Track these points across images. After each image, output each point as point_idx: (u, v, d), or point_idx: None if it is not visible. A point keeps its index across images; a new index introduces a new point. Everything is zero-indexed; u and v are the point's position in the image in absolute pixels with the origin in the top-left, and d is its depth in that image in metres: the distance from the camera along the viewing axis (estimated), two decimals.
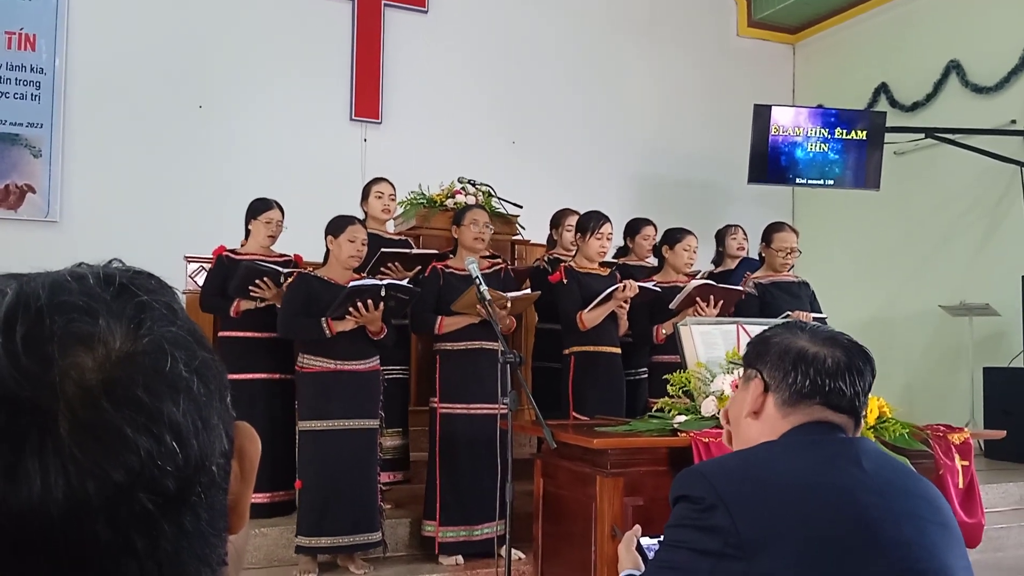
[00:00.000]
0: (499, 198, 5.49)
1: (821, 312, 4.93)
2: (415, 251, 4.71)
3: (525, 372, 4.99)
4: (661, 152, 8.42)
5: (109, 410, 0.48)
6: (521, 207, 5.52)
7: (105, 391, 0.48)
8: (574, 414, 4.37)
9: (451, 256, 4.61)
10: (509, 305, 4.16)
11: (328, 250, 4.15)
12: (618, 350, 4.53)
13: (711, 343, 3.49)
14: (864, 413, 1.45)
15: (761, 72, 8.92)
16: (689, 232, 4.78)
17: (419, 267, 4.65)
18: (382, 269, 4.49)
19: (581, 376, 4.41)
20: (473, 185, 5.45)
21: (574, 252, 4.76)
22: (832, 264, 8.12)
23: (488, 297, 3.54)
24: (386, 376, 4.29)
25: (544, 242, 5.58)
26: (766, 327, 1.52)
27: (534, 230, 5.60)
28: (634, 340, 4.78)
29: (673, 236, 4.79)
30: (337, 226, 4.10)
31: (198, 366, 0.53)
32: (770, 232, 4.91)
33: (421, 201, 5.33)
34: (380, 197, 4.81)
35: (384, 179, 4.90)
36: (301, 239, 4.63)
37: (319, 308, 3.93)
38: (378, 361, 4.14)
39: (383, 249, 4.45)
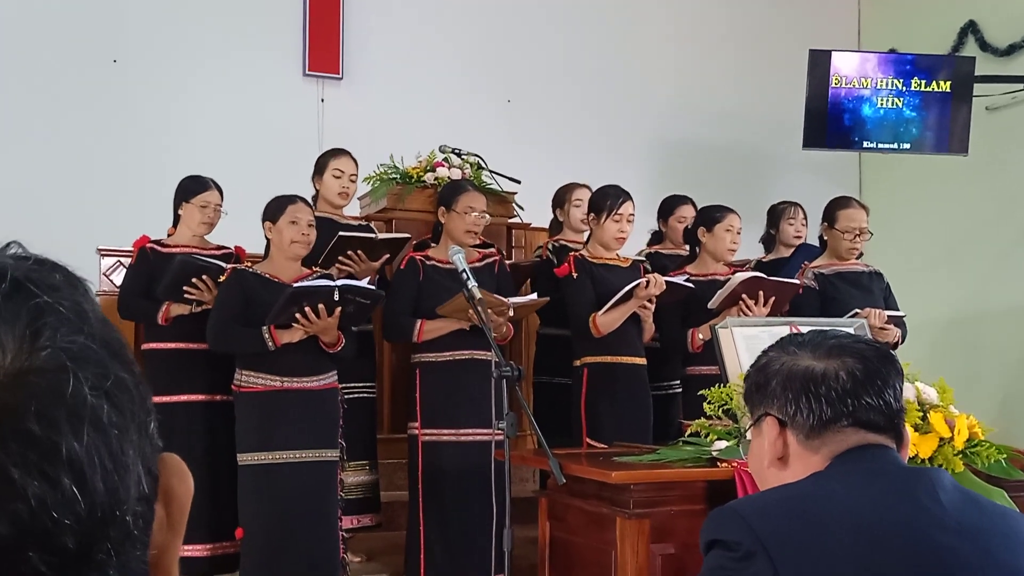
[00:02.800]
0: (491, 171, 5.50)
1: (898, 309, 4.95)
2: (382, 236, 4.71)
3: (526, 389, 5.00)
4: (691, 111, 8.42)
5: None
6: (519, 182, 5.53)
7: None
8: (588, 440, 4.39)
9: (432, 245, 4.62)
10: (511, 313, 4.18)
11: (267, 240, 4.15)
12: (642, 360, 4.54)
13: (757, 349, 3.49)
14: (902, 426, 1.48)
15: (817, 8, 8.92)
16: (730, 210, 4.78)
17: (387, 255, 4.64)
18: (340, 259, 4.48)
19: (596, 393, 4.42)
20: (458, 156, 5.47)
21: (586, 237, 4.77)
22: (909, 248, 8.13)
23: (479, 296, 3.55)
24: (346, 395, 4.30)
25: (547, 226, 5.59)
26: (808, 335, 1.54)
27: (535, 211, 5.60)
28: (663, 347, 4.79)
29: (710, 216, 4.80)
30: (274, 208, 4.11)
31: (110, 387, 0.52)
32: (833, 209, 4.91)
33: (393, 176, 5.34)
34: (339, 176, 4.82)
35: (346, 153, 4.90)
36: (244, 227, 4.63)
37: (260, 313, 3.93)
38: (335, 377, 4.14)
39: (340, 233, 4.45)
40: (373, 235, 4.62)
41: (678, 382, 4.93)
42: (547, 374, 5.05)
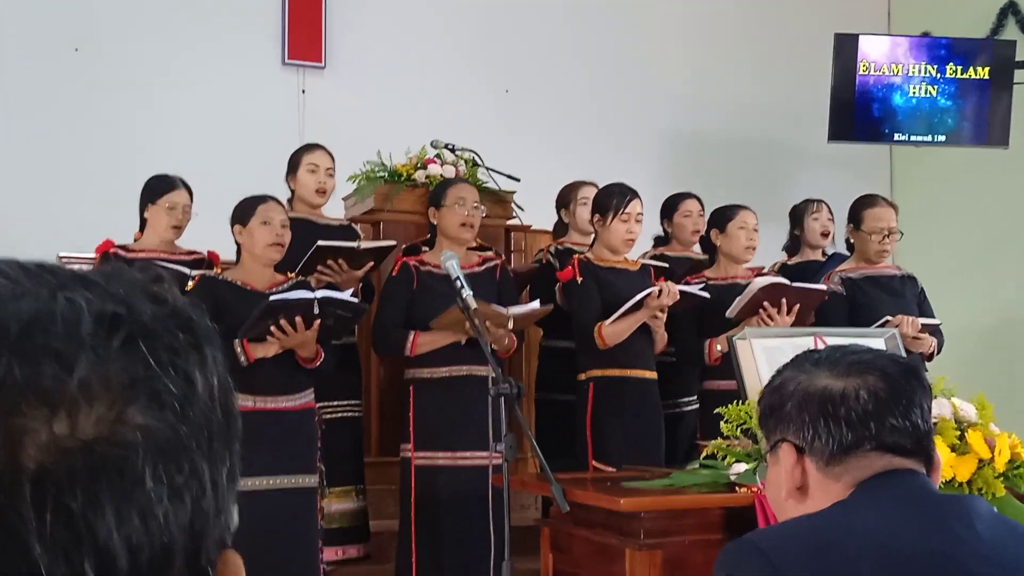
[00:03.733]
0: (488, 168, 5.50)
1: (933, 316, 4.95)
2: (366, 244, 4.71)
3: (527, 406, 4.99)
4: (707, 101, 8.42)
5: (19, 507, 0.47)
6: (518, 180, 5.53)
7: (32, 480, 0.47)
8: (594, 463, 4.38)
9: (426, 249, 4.62)
10: (511, 324, 4.18)
11: (238, 245, 4.15)
12: (653, 374, 4.55)
13: (780, 362, 3.46)
14: (932, 448, 1.47)
15: None
16: (742, 207, 4.82)
17: (371, 263, 4.65)
18: (319, 268, 4.47)
19: (603, 411, 4.42)
20: (452, 151, 5.47)
21: (591, 240, 4.77)
22: (945, 250, 8.12)
23: (474, 307, 3.54)
24: (327, 416, 4.30)
25: (550, 228, 5.59)
26: (826, 351, 1.54)
27: (535, 211, 5.60)
28: (678, 360, 4.79)
29: (722, 215, 4.83)
30: (243, 210, 4.10)
31: (182, 481, 0.52)
32: (859, 209, 4.93)
33: (381, 174, 5.34)
34: (314, 171, 4.82)
35: (319, 146, 4.92)
36: (219, 230, 4.62)
37: (231, 324, 3.92)
38: (312, 396, 4.14)
39: (319, 242, 4.44)
40: (355, 244, 4.61)
41: (694, 398, 4.94)
42: (550, 390, 5.05)
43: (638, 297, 4.32)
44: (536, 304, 4.46)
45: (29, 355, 0.50)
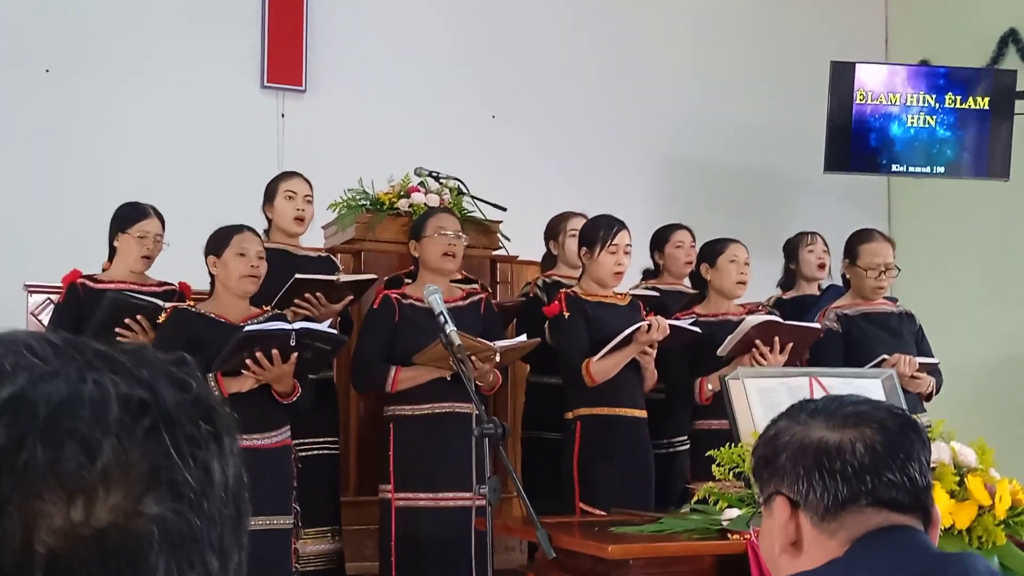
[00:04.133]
0: (473, 197, 5.51)
1: (931, 355, 4.97)
2: (345, 278, 4.70)
3: (513, 443, 4.98)
4: (700, 129, 8.46)
5: None
6: (505, 209, 5.54)
7: (44, 566, 0.48)
8: (581, 505, 4.38)
9: (407, 282, 4.63)
10: (497, 358, 4.18)
11: (212, 276, 4.16)
12: (643, 413, 4.55)
13: (774, 404, 3.49)
14: (930, 503, 1.48)
15: (840, 16, 9.00)
16: (732, 240, 4.85)
17: (351, 297, 4.65)
18: (296, 302, 4.48)
19: (591, 450, 4.42)
20: (436, 179, 5.48)
21: (580, 273, 4.78)
22: (944, 286, 8.15)
23: (457, 343, 3.54)
24: (302, 453, 4.28)
25: (537, 259, 5.59)
26: (822, 401, 1.54)
27: (522, 242, 5.61)
28: (668, 398, 4.80)
29: (711, 249, 4.85)
30: (217, 240, 4.12)
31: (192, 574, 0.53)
32: (854, 244, 4.96)
33: (362, 203, 5.35)
34: (292, 198, 4.83)
35: (296, 173, 4.94)
36: (192, 260, 4.62)
37: (204, 358, 3.91)
38: (288, 433, 4.14)
39: (297, 276, 4.44)
40: (335, 277, 4.62)
41: (684, 438, 4.94)
42: (536, 427, 5.05)
43: (627, 332, 4.33)
44: (523, 338, 4.47)
45: (55, 439, 0.51)
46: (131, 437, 0.54)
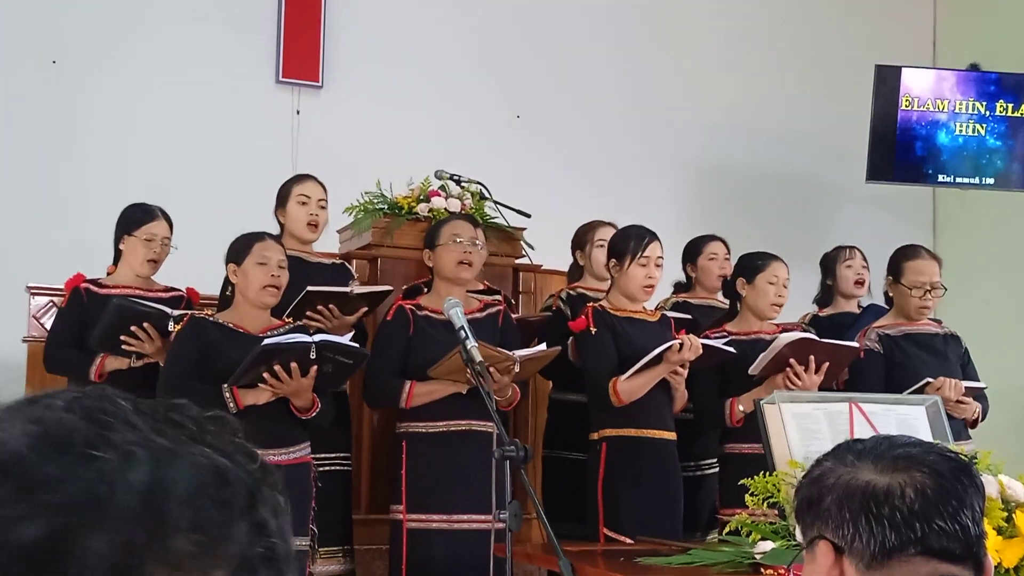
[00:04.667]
0: (496, 203, 5.50)
1: (978, 379, 4.94)
2: (359, 289, 4.71)
3: (532, 465, 4.97)
4: (736, 133, 8.43)
5: None
6: (529, 216, 5.54)
7: None
8: (605, 531, 4.37)
9: (425, 291, 4.63)
10: (517, 369, 4.17)
11: (231, 285, 4.18)
12: (672, 435, 4.54)
13: (811, 430, 3.48)
14: (983, 554, 1.47)
15: (886, 18, 8.96)
16: (774, 257, 4.80)
17: (365, 309, 4.65)
18: (308, 314, 4.49)
19: (616, 473, 4.42)
20: (458, 183, 5.48)
21: (608, 286, 4.77)
22: (992, 305, 8.10)
23: (479, 359, 3.54)
24: (318, 469, 4.29)
25: (562, 268, 5.59)
26: (870, 442, 1.53)
27: (547, 250, 5.61)
28: (696, 419, 4.78)
29: (751, 264, 4.81)
30: (238, 248, 4.15)
31: None
32: (899, 261, 4.93)
33: (380, 207, 5.35)
34: (305, 203, 4.85)
35: (310, 176, 4.96)
36: (198, 265, 4.63)
37: (221, 370, 3.95)
38: (308, 450, 4.15)
39: (309, 288, 4.46)
40: (348, 290, 4.62)
41: (713, 460, 4.92)
42: (559, 447, 5.05)
43: (657, 351, 4.32)
44: (543, 346, 4.46)
45: (189, 525, 0.58)
46: (243, 514, 0.61)
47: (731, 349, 4.54)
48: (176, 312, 4.31)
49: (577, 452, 4.74)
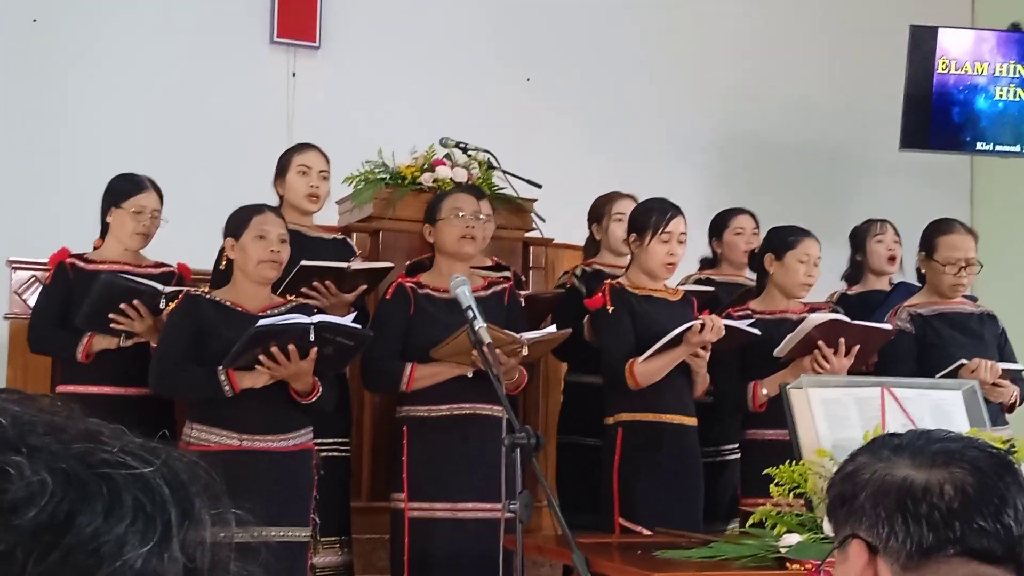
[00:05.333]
0: (505, 172, 5.50)
1: (1015, 360, 4.94)
2: (357, 265, 4.72)
3: (544, 451, 4.99)
4: (762, 98, 8.40)
5: None
6: (540, 186, 5.54)
7: None
8: (621, 521, 4.39)
9: (426, 268, 4.63)
10: (525, 352, 4.18)
11: (227, 261, 4.20)
12: (692, 420, 4.55)
13: (840, 417, 3.50)
14: None
15: None
16: (807, 234, 4.79)
17: (364, 286, 4.66)
18: (304, 290, 4.50)
19: (633, 460, 4.43)
20: (464, 151, 5.48)
21: (627, 262, 4.78)
22: None
23: (488, 341, 3.55)
24: (320, 453, 4.31)
25: (575, 242, 5.59)
26: (907, 436, 1.53)
27: (559, 223, 5.61)
28: (716, 403, 4.79)
29: (781, 240, 4.80)
30: (236, 221, 4.16)
31: None
32: (932, 236, 4.92)
33: (382, 176, 5.35)
34: (306, 173, 4.85)
35: (311, 146, 4.96)
36: (189, 239, 4.64)
37: (217, 350, 3.97)
38: (310, 435, 4.17)
39: (303, 262, 4.45)
40: (345, 265, 4.62)
41: (735, 446, 4.93)
42: (573, 432, 5.05)
43: (676, 331, 4.32)
44: (552, 328, 4.47)
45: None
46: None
47: (755, 331, 4.53)
48: (168, 289, 4.31)
49: (593, 438, 4.74)
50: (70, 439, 0.70)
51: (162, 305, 4.25)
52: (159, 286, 4.33)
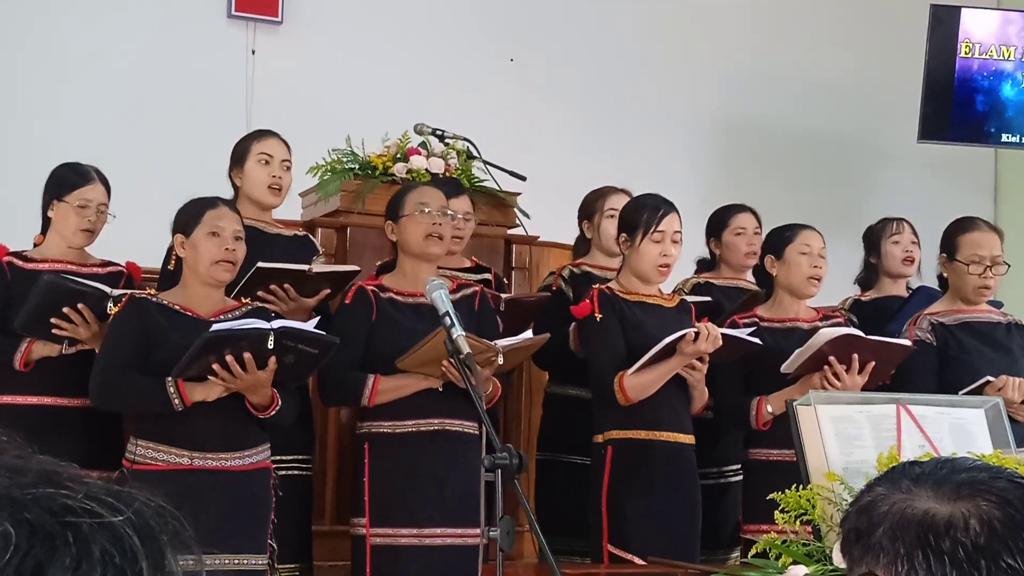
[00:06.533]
0: (485, 162, 5.52)
1: None
2: (319, 268, 4.71)
3: (527, 471, 4.99)
4: (767, 83, 8.41)
5: None
6: (524, 178, 5.56)
7: None
8: (610, 548, 4.39)
9: (389, 270, 4.62)
10: (500, 361, 4.16)
11: (176, 259, 4.18)
12: (689, 438, 4.56)
13: (852, 436, 3.50)
14: None
15: None
16: (804, 226, 4.82)
17: (327, 291, 4.65)
18: (260, 294, 4.48)
19: (623, 482, 4.44)
20: (441, 139, 5.48)
21: (619, 264, 4.78)
22: None
23: (467, 351, 3.55)
24: (279, 472, 4.30)
25: (562, 240, 5.59)
26: (929, 465, 1.54)
27: (545, 218, 5.63)
28: (716, 419, 4.79)
29: (779, 238, 4.82)
30: (187, 216, 4.13)
31: None
32: (954, 235, 4.93)
33: (350, 166, 5.36)
34: (267, 163, 4.83)
35: (272, 133, 4.93)
36: (139, 235, 4.63)
37: (165, 358, 3.95)
38: (267, 453, 4.16)
39: (259, 264, 4.42)
40: (305, 268, 4.61)
41: (738, 467, 4.94)
42: (556, 449, 5.06)
43: (668, 340, 4.31)
44: (528, 334, 4.42)
45: None
46: None
47: (757, 340, 4.54)
48: (116, 292, 4.28)
49: (578, 455, 4.76)
50: (30, 483, 0.70)
51: (109, 309, 4.22)
52: (106, 288, 4.30)
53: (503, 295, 4.97)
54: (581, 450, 4.70)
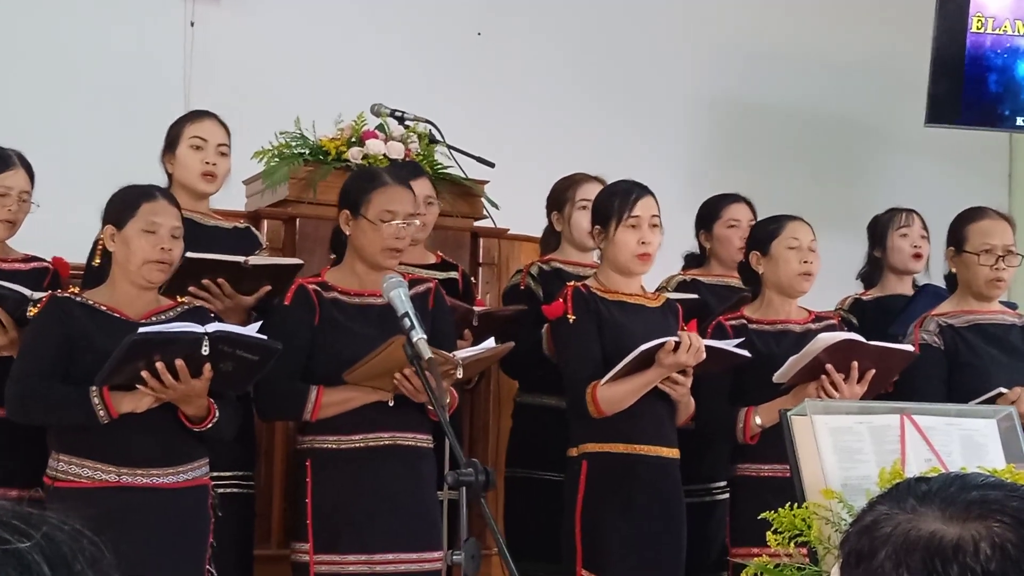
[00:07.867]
0: (450, 147, 5.52)
1: None
2: (256, 260, 4.68)
3: (495, 491, 5.00)
4: (761, 62, 8.45)
5: None
6: (492, 165, 5.56)
7: None
8: (584, 573, 4.40)
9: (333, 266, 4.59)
10: (459, 374, 4.14)
11: (102, 252, 4.15)
12: (673, 452, 4.56)
13: (852, 449, 3.51)
14: None
15: None
16: (791, 217, 4.82)
17: (268, 288, 4.62)
18: (192, 290, 4.46)
19: (600, 500, 4.44)
20: (400, 121, 5.48)
21: (592, 258, 4.78)
22: None
23: (428, 355, 3.55)
24: (216, 489, 4.28)
25: (531, 232, 5.59)
26: (936, 482, 1.55)
27: (515, 209, 5.63)
28: (699, 431, 4.79)
29: (763, 232, 4.83)
30: (121, 207, 4.10)
31: None
32: (962, 225, 4.95)
33: (300, 151, 5.35)
34: (200, 147, 4.81)
35: (207, 114, 4.91)
36: (67, 227, 4.62)
37: (90, 364, 3.92)
38: (205, 469, 4.14)
39: (188, 254, 4.32)
40: (241, 260, 4.57)
41: (723, 484, 4.95)
42: (527, 465, 5.06)
43: (643, 347, 4.29)
44: (491, 343, 4.37)
45: None
46: None
47: (746, 353, 4.52)
48: (38, 294, 4.20)
49: (551, 471, 4.76)
50: None
51: (29, 312, 4.18)
52: (26, 291, 4.24)
53: (476, 309, 4.91)
54: (554, 465, 4.69)
